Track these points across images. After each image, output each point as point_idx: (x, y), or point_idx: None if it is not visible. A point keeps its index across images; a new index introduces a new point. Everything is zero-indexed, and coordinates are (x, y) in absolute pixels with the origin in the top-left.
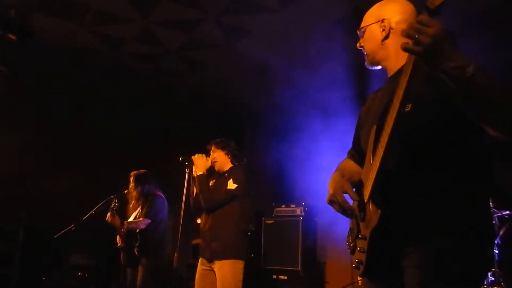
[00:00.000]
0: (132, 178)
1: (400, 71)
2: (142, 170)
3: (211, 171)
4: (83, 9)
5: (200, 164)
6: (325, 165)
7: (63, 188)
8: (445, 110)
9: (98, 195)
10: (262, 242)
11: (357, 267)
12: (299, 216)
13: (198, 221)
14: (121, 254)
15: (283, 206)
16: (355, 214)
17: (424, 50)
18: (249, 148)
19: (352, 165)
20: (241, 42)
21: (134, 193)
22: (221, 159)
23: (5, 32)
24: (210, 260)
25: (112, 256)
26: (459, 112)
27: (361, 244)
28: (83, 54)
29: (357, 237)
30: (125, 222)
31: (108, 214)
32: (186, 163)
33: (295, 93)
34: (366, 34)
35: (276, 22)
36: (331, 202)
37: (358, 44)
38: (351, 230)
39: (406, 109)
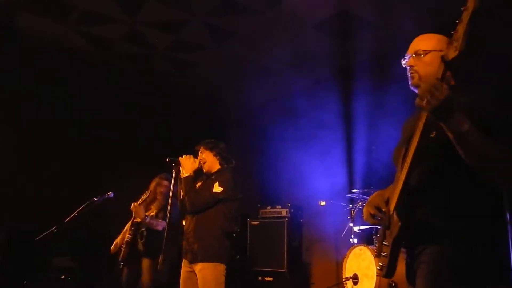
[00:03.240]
0: (164, 189)
1: None
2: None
3: (199, 172)
4: (69, 9)
5: (187, 165)
6: (310, 167)
7: (46, 190)
8: None
9: (82, 197)
10: (248, 243)
11: (380, 269)
12: (284, 217)
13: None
14: (122, 251)
15: (269, 207)
16: (384, 223)
17: (431, 109)
18: (234, 149)
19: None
20: (227, 43)
21: (159, 198)
22: (210, 160)
23: None
24: (192, 262)
25: (95, 259)
26: None
27: (385, 250)
28: (69, 54)
29: (382, 243)
30: (147, 215)
31: (136, 203)
32: (173, 164)
33: (281, 94)
34: (428, 58)
35: (262, 23)
36: (365, 218)
37: (408, 63)
38: (379, 236)
39: (431, 135)
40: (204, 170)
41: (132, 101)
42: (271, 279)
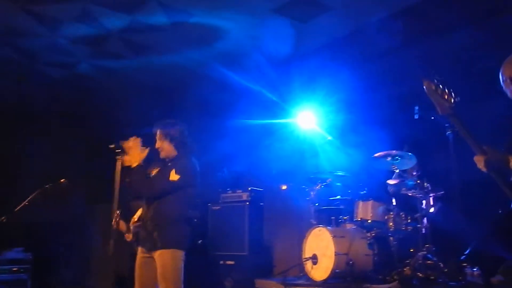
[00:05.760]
0: None
1: None
2: None
3: (156, 158)
4: None
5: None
6: (270, 150)
7: None
8: None
9: (31, 185)
10: (209, 228)
11: None
12: (245, 201)
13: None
14: None
15: (230, 191)
16: None
17: (488, 173)
18: (194, 133)
19: None
20: (184, 24)
21: None
22: (166, 147)
23: None
24: (151, 250)
25: (50, 250)
26: None
27: None
28: (15, 35)
29: None
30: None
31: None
32: (118, 151)
33: (241, 76)
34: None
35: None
36: None
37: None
38: None
39: None
40: (160, 156)
41: (81, 84)
42: (232, 262)
